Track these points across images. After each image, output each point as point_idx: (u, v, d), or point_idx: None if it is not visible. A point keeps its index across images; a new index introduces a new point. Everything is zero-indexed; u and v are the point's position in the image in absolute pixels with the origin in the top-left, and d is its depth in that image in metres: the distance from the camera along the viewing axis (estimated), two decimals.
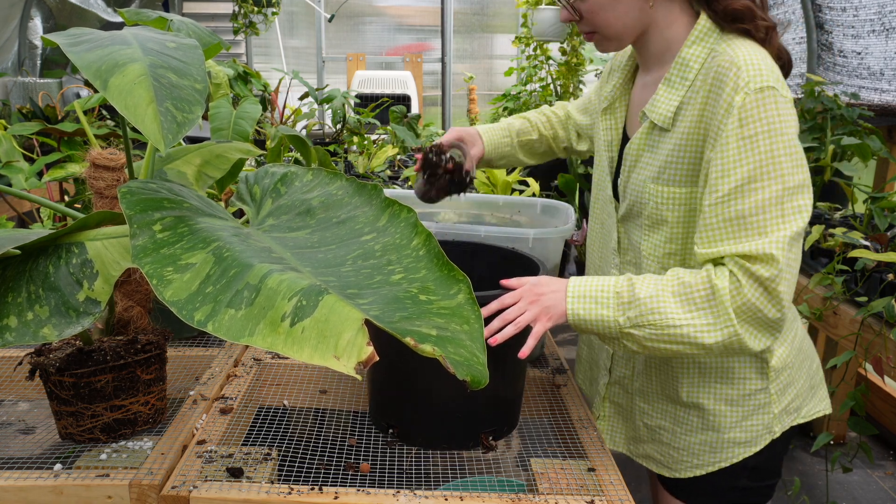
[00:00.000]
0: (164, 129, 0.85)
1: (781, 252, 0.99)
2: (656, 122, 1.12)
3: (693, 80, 1.08)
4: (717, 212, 1.03)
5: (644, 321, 1.04)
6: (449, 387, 1.02)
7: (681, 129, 1.09)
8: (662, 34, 1.13)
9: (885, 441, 2.74)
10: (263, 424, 1.19)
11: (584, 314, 1.07)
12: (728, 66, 1.02)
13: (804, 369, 1.24)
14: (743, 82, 1.00)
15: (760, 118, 0.99)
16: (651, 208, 1.14)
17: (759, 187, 1.00)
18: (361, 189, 1.07)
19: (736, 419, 1.18)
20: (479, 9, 6.16)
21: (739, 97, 1.00)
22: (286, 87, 3.87)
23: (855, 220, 2.12)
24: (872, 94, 2.80)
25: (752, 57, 1.02)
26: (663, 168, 1.11)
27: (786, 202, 1.00)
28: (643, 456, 1.29)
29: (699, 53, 1.08)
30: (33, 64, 3.98)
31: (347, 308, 0.76)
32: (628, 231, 1.23)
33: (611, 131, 1.27)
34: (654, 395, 1.24)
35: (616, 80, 1.26)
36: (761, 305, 1.00)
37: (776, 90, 1.00)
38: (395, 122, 3.23)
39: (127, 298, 1.17)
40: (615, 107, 1.26)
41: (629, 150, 1.18)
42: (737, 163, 1.00)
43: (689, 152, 1.08)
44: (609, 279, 1.08)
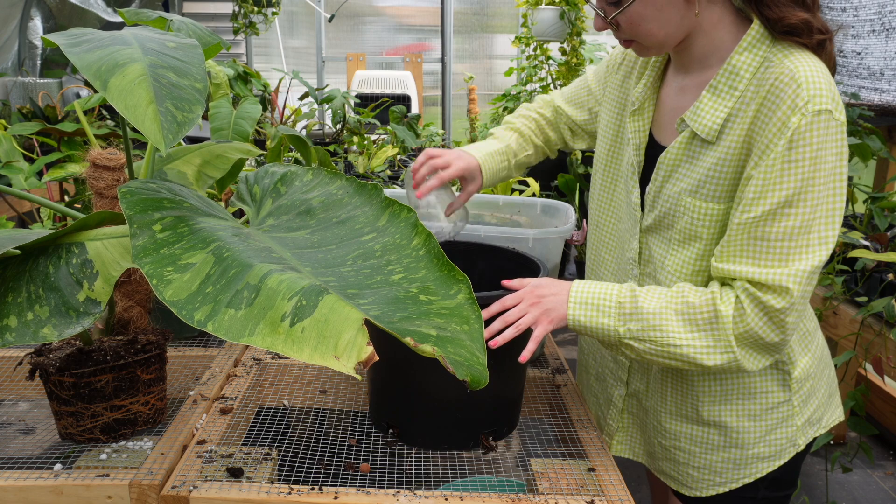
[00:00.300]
0: (165, 129, 0.85)
1: (797, 286, 0.97)
2: (700, 133, 1.05)
3: (743, 90, 1.01)
4: (745, 231, 0.99)
5: (644, 336, 1.03)
6: (449, 387, 1.02)
7: (726, 143, 1.02)
8: (708, 37, 1.05)
9: (885, 441, 2.74)
10: (263, 424, 1.19)
11: (584, 321, 1.07)
12: (787, 82, 0.96)
13: (824, 378, 1.22)
14: (801, 101, 0.94)
15: (811, 143, 0.94)
16: (685, 223, 1.08)
17: (790, 213, 0.96)
18: (361, 189, 1.07)
19: (760, 434, 1.14)
20: (479, 9, 6.16)
21: (796, 118, 0.94)
22: (286, 87, 3.87)
23: (855, 220, 2.12)
24: (872, 94, 2.80)
25: (812, 73, 0.95)
26: (703, 182, 1.05)
27: (813, 232, 0.96)
28: (660, 472, 1.26)
29: (751, 62, 1.01)
30: (33, 64, 3.98)
31: (347, 308, 0.76)
32: (651, 243, 1.17)
33: (638, 133, 1.18)
34: (668, 416, 1.20)
35: (647, 78, 1.18)
36: (763, 333, 0.99)
37: (832, 115, 0.95)
38: (395, 122, 3.23)
39: (127, 298, 1.17)
40: (644, 107, 1.18)
41: (665, 159, 1.11)
42: (776, 186, 0.96)
43: (732, 167, 1.02)
44: (613, 287, 1.07)
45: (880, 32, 2.74)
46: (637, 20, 1.04)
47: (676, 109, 1.12)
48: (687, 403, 1.17)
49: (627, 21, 1.05)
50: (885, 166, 2.82)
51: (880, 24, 2.74)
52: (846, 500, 2.40)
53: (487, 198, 1.81)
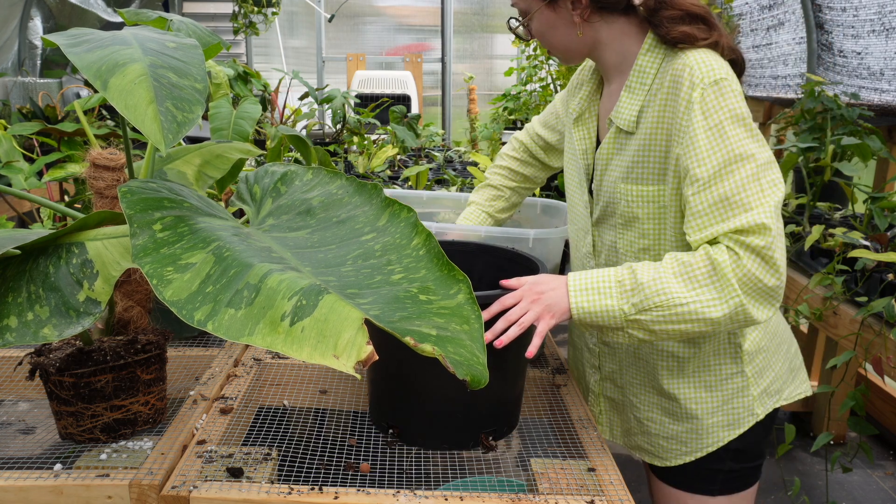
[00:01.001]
0: (165, 129, 0.85)
1: (771, 220, 1.04)
2: (621, 126, 1.18)
3: (651, 84, 1.15)
4: (701, 199, 1.07)
5: (650, 304, 1.06)
6: (449, 387, 1.02)
7: (644, 130, 1.16)
8: (614, 48, 1.20)
9: (885, 441, 2.74)
10: (263, 424, 1.19)
11: (588, 306, 1.08)
12: (682, 68, 1.10)
13: (781, 353, 1.29)
14: (697, 79, 1.08)
15: (721, 107, 1.07)
16: (623, 207, 1.20)
17: (735, 168, 1.06)
18: (361, 189, 1.07)
19: (717, 404, 1.23)
20: (479, 9, 6.16)
21: (697, 92, 1.07)
22: (286, 87, 3.87)
23: (855, 220, 2.12)
24: (872, 94, 2.80)
25: (702, 57, 1.10)
26: (631, 168, 1.18)
27: (762, 177, 1.06)
28: (636, 447, 1.34)
29: (653, 60, 1.16)
30: (33, 64, 3.98)
31: (347, 308, 0.76)
32: (602, 233, 1.28)
33: (585, 140, 1.31)
34: (641, 388, 1.30)
35: (584, 91, 1.32)
36: (761, 275, 1.04)
37: (728, 81, 1.08)
38: (395, 122, 3.23)
39: (127, 298, 1.17)
40: (585, 117, 1.31)
41: (599, 154, 1.24)
42: (709, 151, 1.06)
43: (654, 151, 1.15)
44: (608, 270, 1.11)
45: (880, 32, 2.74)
46: (539, 35, 1.24)
47: (608, 112, 1.26)
48: (652, 377, 1.27)
49: (536, 34, 1.24)
50: (885, 166, 2.82)
51: (880, 24, 2.74)
52: (846, 500, 2.40)
53: None
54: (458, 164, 3.25)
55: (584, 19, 1.18)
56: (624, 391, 1.33)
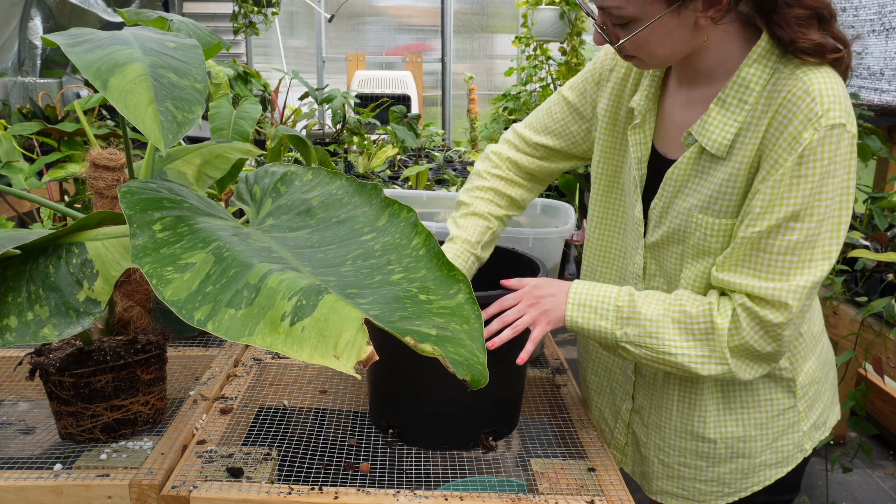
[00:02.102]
0: (165, 129, 0.85)
1: (797, 301, 0.96)
2: (710, 149, 1.01)
3: (753, 103, 0.98)
4: (748, 243, 0.98)
5: (641, 341, 1.04)
6: (449, 387, 1.02)
7: (737, 159, 1.00)
8: (715, 52, 1.02)
9: (885, 441, 2.74)
10: (263, 424, 1.19)
11: (582, 323, 1.07)
12: (801, 95, 0.93)
13: (828, 381, 1.21)
14: (815, 116, 0.92)
15: (822, 159, 0.92)
16: (697, 238, 1.05)
17: (795, 228, 0.95)
18: (361, 189, 1.07)
19: (767, 442, 1.13)
20: (479, 9, 6.16)
21: (808, 133, 0.92)
22: (286, 87, 3.86)
23: (855, 220, 2.12)
24: (872, 94, 2.80)
25: (826, 86, 0.93)
26: (714, 198, 1.02)
27: (818, 247, 0.95)
28: (659, 492, 1.23)
29: (760, 74, 0.98)
30: (33, 64, 3.98)
31: (347, 308, 0.76)
32: (659, 258, 1.14)
33: (640, 147, 1.14)
34: (673, 432, 1.18)
35: (647, 90, 1.13)
36: (757, 345, 1.00)
37: (845, 128, 0.92)
38: (395, 122, 3.23)
39: (127, 298, 1.16)
40: (646, 120, 1.13)
41: (672, 175, 1.08)
42: (783, 200, 0.94)
43: (744, 182, 1.00)
44: (612, 290, 1.07)
45: (880, 32, 2.74)
46: (643, 43, 1.01)
47: (682, 123, 1.09)
48: (693, 418, 1.15)
49: (632, 44, 1.01)
50: (885, 166, 2.82)
51: (880, 24, 2.74)
52: (846, 500, 2.40)
53: None
54: (458, 164, 3.25)
55: (714, 21, 0.97)
56: (648, 431, 1.21)
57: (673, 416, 1.17)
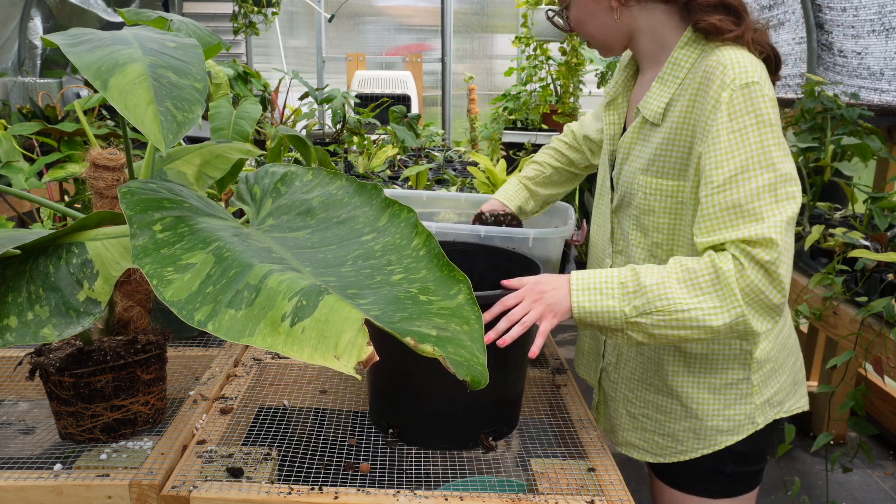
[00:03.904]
0: (165, 129, 0.85)
1: (780, 236, 1.03)
2: (647, 116, 1.18)
3: (683, 78, 1.14)
4: (714, 202, 1.06)
5: (651, 308, 1.05)
6: (449, 387, 1.02)
7: (669, 124, 1.15)
8: (653, 38, 1.20)
9: (885, 441, 2.74)
10: (263, 424, 1.19)
11: (589, 306, 1.08)
12: (715, 66, 1.08)
13: (788, 364, 1.28)
14: (729, 79, 1.06)
15: (748, 111, 1.05)
16: (640, 199, 1.20)
17: (752, 176, 1.04)
18: (361, 189, 1.07)
19: (718, 408, 1.22)
20: (479, 9, 6.16)
21: (726, 93, 1.05)
22: (286, 87, 3.86)
23: (855, 220, 2.12)
24: (872, 94, 2.80)
25: (737, 57, 1.08)
26: (652, 160, 1.17)
27: (779, 189, 1.04)
28: (623, 444, 1.33)
29: (689, 54, 1.15)
30: (33, 64, 3.97)
31: (347, 308, 0.76)
32: (620, 222, 1.28)
33: (613, 125, 1.32)
34: (639, 384, 1.29)
35: (620, 76, 1.32)
36: (764, 288, 1.03)
37: (760, 85, 1.06)
38: (395, 122, 3.22)
39: (127, 298, 1.17)
40: (618, 102, 1.32)
41: (622, 142, 1.25)
42: (729, 154, 1.05)
43: (678, 146, 1.14)
44: (611, 270, 1.10)
45: (880, 32, 2.74)
46: (577, 24, 1.24)
47: (638, 101, 1.26)
48: (653, 373, 1.26)
49: (574, 24, 1.25)
50: (885, 166, 2.82)
51: (880, 24, 2.74)
52: (846, 500, 2.40)
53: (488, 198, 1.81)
54: (458, 164, 3.25)
55: (622, 4, 1.18)
56: (617, 385, 1.33)
57: (640, 369, 1.28)
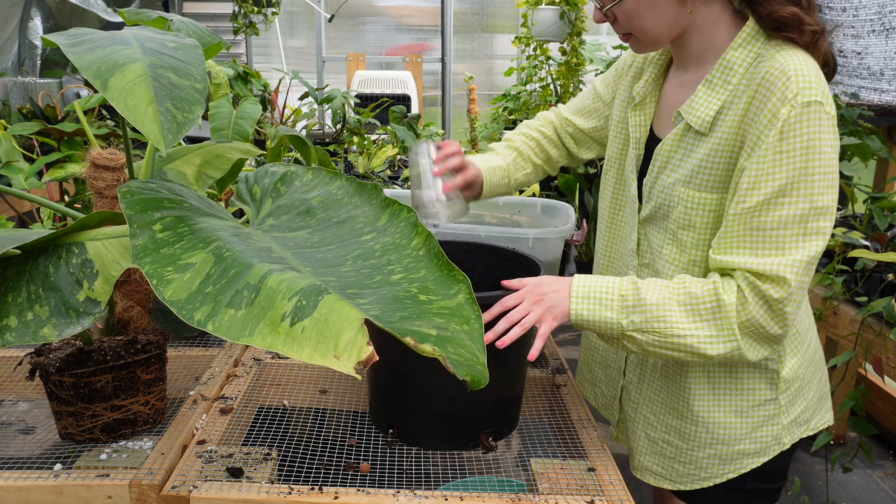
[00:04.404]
0: (164, 130, 0.85)
1: (795, 276, 0.98)
2: (693, 124, 1.08)
3: (736, 84, 1.04)
4: (740, 220, 1.01)
5: (648, 327, 1.04)
6: (449, 387, 1.02)
7: (718, 134, 1.05)
8: (704, 35, 1.09)
9: (885, 441, 2.74)
10: (263, 424, 1.19)
11: (587, 314, 1.07)
12: (777, 75, 0.98)
13: (815, 381, 1.22)
14: (791, 94, 0.97)
15: (801, 134, 0.96)
16: (679, 212, 1.11)
17: (786, 203, 0.98)
18: (361, 189, 1.07)
19: (745, 430, 1.16)
20: (479, 9, 6.16)
21: (785, 110, 0.96)
22: (286, 87, 3.86)
23: (855, 220, 2.12)
24: (872, 94, 2.80)
25: (802, 67, 0.98)
26: (696, 172, 1.08)
27: (810, 222, 0.98)
28: (640, 468, 1.27)
29: (744, 57, 1.04)
30: (33, 64, 3.97)
31: (347, 308, 0.76)
32: (649, 234, 1.19)
33: (639, 128, 1.22)
34: (662, 407, 1.22)
35: (649, 75, 1.22)
36: (764, 323, 1.00)
37: (822, 106, 0.97)
38: (395, 122, 3.22)
39: (127, 298, 1.17)
40: (646, 103, 1.22)
41: (660, 150, 1.14)
42: (770, 176, 0.98)
43: (724, 158, 1.05)
44: (614, 280, 1.08)
45: (880, 32, 2.74)
46: (632, 15, 1.08)
47: (675, 104, 1.15)
48: (679, 397, 1.18)
49: (623, 15, 1.08)
50: (885, 166, 2.82)
51: (880, 24, 2.73)
52: (846, 500, 2.40)
53: None
54: None
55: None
56: (638, 406, 1.26)
57: (663, 393, 1.21)
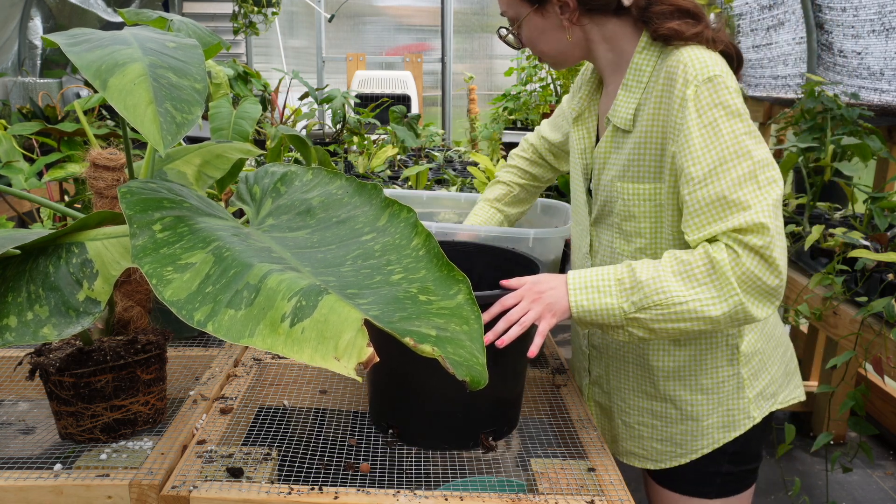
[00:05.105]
0: (164, 130, 0.85)
1: (769, 219, 1.03)
2: (618, 124, 1.18)
3: (647, 82, 1.15)
4: (698, 197, 1.07)
5: (649, 303, 1.05)
6: (449, 387, 1.02)
7: (640, 128, 1.15)
8: (610, 48, 1.20)
9: (885, 441, 2.74)
10: (263, 424, 1.19)
11: (587, 304, 1.08)
12: (675, 65, 1.09)
13: (777, 356, 1.28)
14: (691, 76, 1.07)
15: (716, 104, 1.05)
16: (620, 206, 1.20)
17: (731, 167, 1.04)
18: (361, 189, 1.07)
19: (712, 405, 1.22)
20: (479, 9, 6.16)
21: (691, 89, 1.06)
22: (286, 87, 3.86)
23: (855, 220, 2.12)
24: (872, 94, 2.80)
25: (697, 54, 1.09)
26: (627, 166, 1.17)
27: (759, 175, 1.05)
28: (625, 453, 1.33)
29: (649, 58, 1.15)
30: (33, 64, 3.97)
31: (347, 308, 0.76)
32: (599, 233, 1.28)
33: (584, 140, 1.31)
34: (631, 393, 1.29)
35: (583, 91, 1.32)
36: (760, 273, 1.03)
37: (722, 77, 1.06)
38: (395, 122, 3.22)
39: (127, 298, 1.17)
40: (585, 116, 1.31)
41: (597, 153, 1.24)
42: (704, 149, 1.05)
43: (650, 149, 1.15)
44: (607, 268, 1.10)
45: (880, 32, 2.74)
46: (529, 42, 1.24)
47: (607, 112, 1.24)
48: (645, 380, 1.26)
49: (527, 42, 1.24)
50: (885, 166, 2.82)
51: (880, 24, 2.73)
52: (846, 500, 2.40)
53: None
54: (458, 164, 3.25)
55: (573, 23, 1.18)
56: (611, 396, 1.33)
57: (630, 379, 1.29)
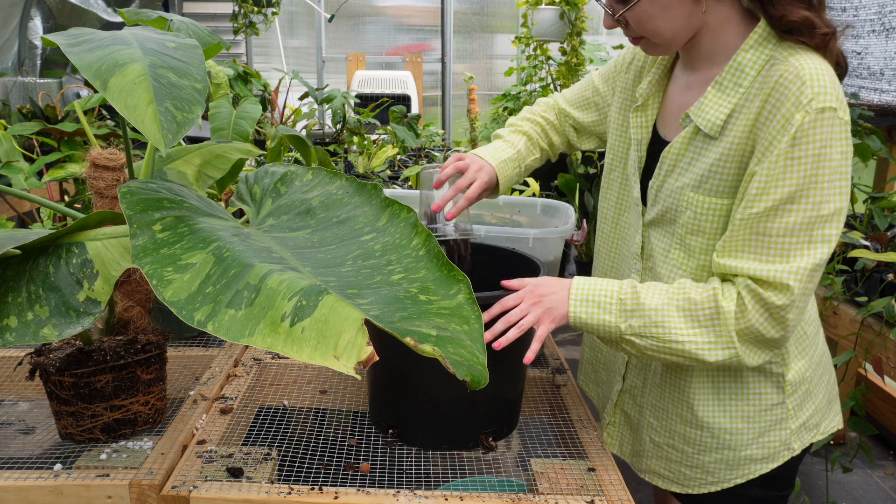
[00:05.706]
0: (164, 130, 0.85)
1: (798, 283, 0.97)
2: (703, 128, 1.06)
3: (748, 86, 1.02)
4: (746, 226, 1.00)
5: (647, 332, 1.04)
6: (449, 387, 1.02)
7: (729, 138, 1.03)
8: (715, 36, 1.07)
9: (885, 441, 2.74)
10: (263, 424, 1.19)
11: (585, 318, 1.07)
12: (792, 79, 0.96)
13: (823, 383, 1.20)
14: (805, 99, 0.95)
15: (814, 141, 0.95)
16: (688, 217, 1.09)
17: (793, 210, 0.97)
18: (361, 189, 1.07)
19: (752, 436, 1.14)
20: (479, 9, 6.16)
21: (799, 115, 0.95)
22: (286, 87, 3.86)
23: (855, 220, 2.12)
24: (872, 94, 2.80)
25: (817, 71, 0.96)
26: (706, 177, 1.06)
27: (816, 230, 0.97)
28: (648, 471, 1.26)
29: (756, 59, 1.02)
30: (33, 64, 3.98)
31: (347, 308, 0.76)
32: (654, 237, 1.17)
33: (641, 129, 1.20)
34: (665, 413, 1.20)
35: (652, 76, 1.19)
36: (763, 329, 1.00)
37: (836, 112, 0.95)
38: (395, 122, 3.22)
39: (127, 298, 1.16)
40: (648, 104, 1.19)
41: (668, 153, 1.12)
42: (779, 182, 0.96)
43: (735, 163, 1.03)
44: (613, 283, 1.07)
45: (880, 32, 2.74)
46: (644, 18, 1.05)
47: (682, 106, 1.13)
48: (683, 403, 1.17)
49: (635, 19, 1.06)
50: (885, 166, 2.82)
51: (880, 24, 2.73)
52: (846, 500, 2.40)
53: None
54: None
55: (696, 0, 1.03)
56: (642, 410, 1.24)
57: (665, 398, 1.19)
